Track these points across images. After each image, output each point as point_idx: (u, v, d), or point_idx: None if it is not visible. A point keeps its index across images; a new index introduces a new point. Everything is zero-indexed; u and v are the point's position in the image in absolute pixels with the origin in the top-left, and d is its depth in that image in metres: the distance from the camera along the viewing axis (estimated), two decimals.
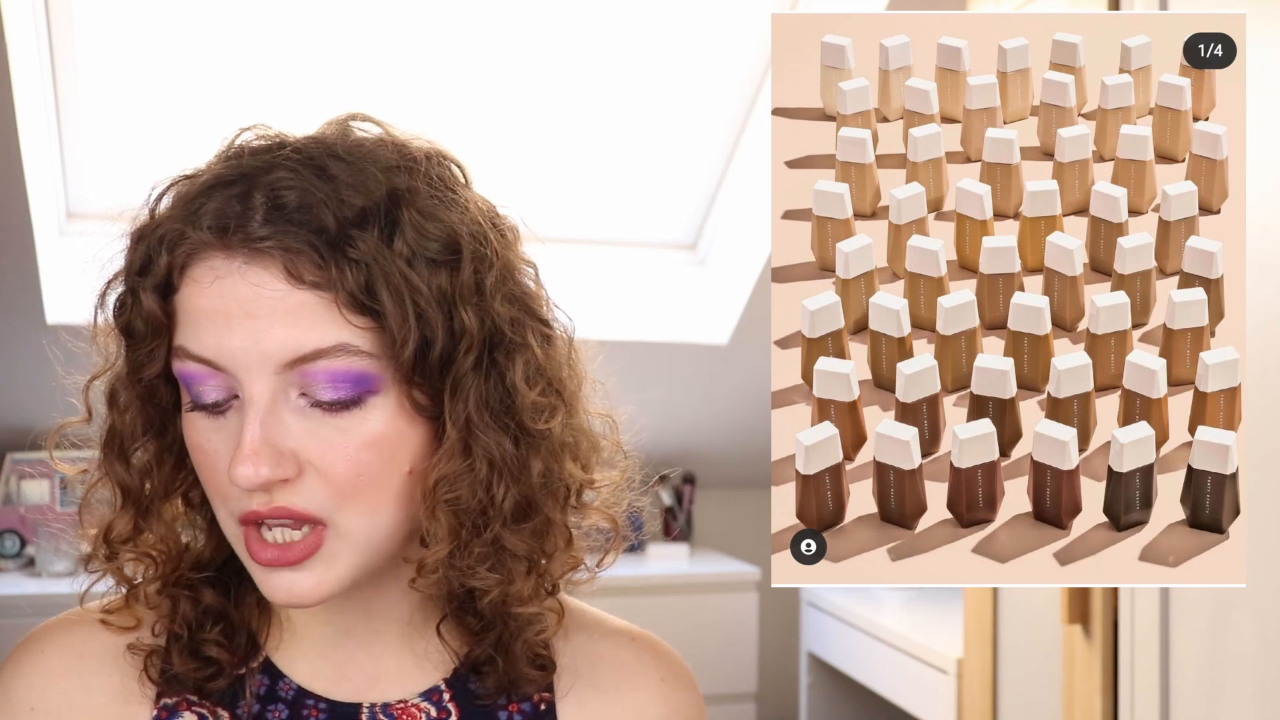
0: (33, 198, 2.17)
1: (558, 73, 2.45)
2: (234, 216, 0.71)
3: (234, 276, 0.71)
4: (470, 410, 0.73)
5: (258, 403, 0.70)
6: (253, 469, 0.69)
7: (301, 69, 2.33)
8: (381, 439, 0.72)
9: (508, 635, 0.81)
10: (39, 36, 2.15)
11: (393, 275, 0.71)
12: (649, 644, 0.88)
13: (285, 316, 0.70)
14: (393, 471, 0.73)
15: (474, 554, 0.75)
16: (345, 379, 0.71)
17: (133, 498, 0.78)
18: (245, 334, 0.70)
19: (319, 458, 0.71)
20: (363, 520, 0.73)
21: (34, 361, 2.50)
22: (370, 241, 0.71)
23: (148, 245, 0.73)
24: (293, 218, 0.70)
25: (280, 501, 0.71)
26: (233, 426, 0.72)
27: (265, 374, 0.70)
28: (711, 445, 3.12)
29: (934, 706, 2.22)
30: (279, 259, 0.70)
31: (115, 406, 0.77)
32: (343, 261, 0.70)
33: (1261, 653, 1.37)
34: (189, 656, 0.79)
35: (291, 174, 0.72)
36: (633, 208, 2.79)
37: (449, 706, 0.81)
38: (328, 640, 0.81)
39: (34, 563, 2.55)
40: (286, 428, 0.71)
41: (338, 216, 0.71)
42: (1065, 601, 1.65)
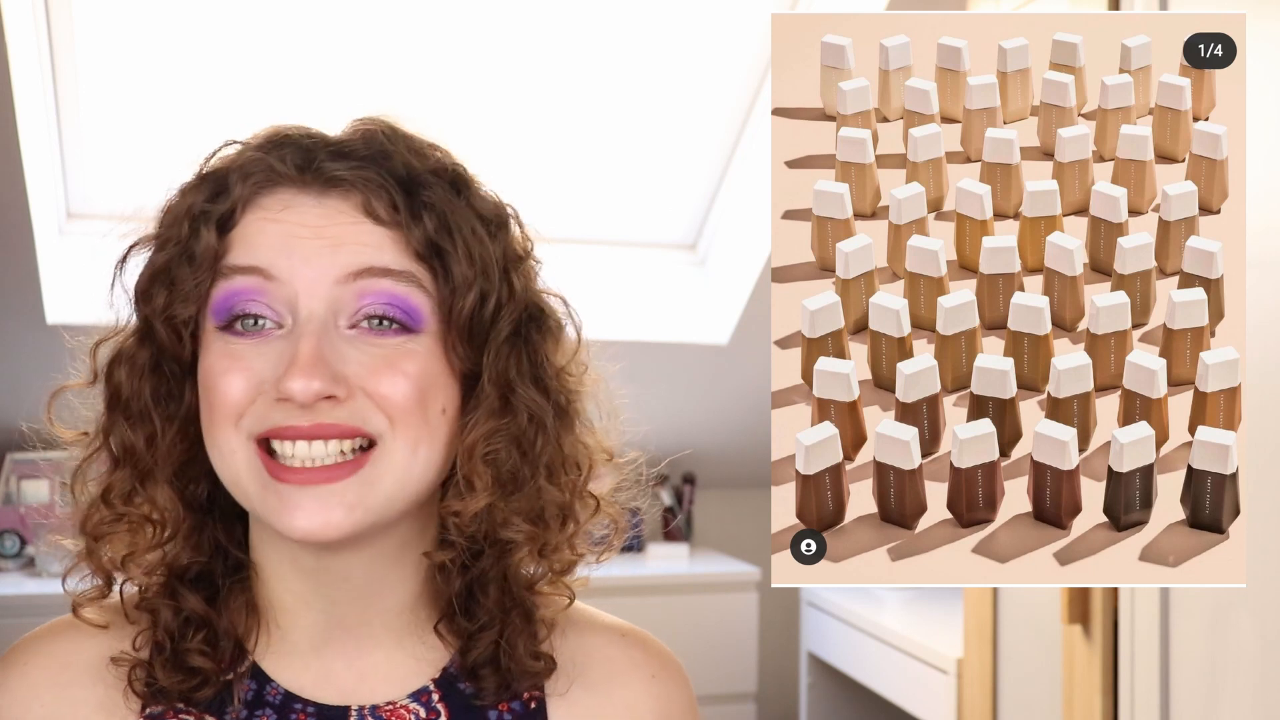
0: (33, 198, 2.17)
1: (558, 73, 2.45)
2: (312, 154, 0.75)
3: (306, 206, 0.74)
4: (509, 369, 0.77)
5: (315, 318, 0.72)
6: (308, 381, 0.70)
7: (302, 69, 2.33)
8: (422, 375, 0.74)
9: (510, 633, 0.81)
10: (39, 36, 2.15)
11: (463, 227, 0.76)
12: (639, 640, 0.88)
13: (357, 239, 0.74)
14: (432, 407, 0.75)
15: (512, 506, 0.77)
16: (404, 305, 0.74)
17: (135, 459, 0.77)
18: (310, 248, 0.73)
19: (370, 379, 0.73)
20: (406, 446, 0.74)
21: (34, 361, 2.50)
22: (442, 191, 0.76)
23: (214, 182, 0.76)
24: (370, 160, 0.75)
25: (324, 419, 0.72)
26: (271, 350, 0.73)
27: (324, 286, 0.73)
28: (711, 445, 3.12)
29: (934, 706, 2.22)
30: (357, 193, 0.74)
31: (125, 368, 0.77)
32: (417, 205, 0.75)
33: (1261, 653, 1.37)
34: (173, 669, 0.77)
35: (361, 135, 0.77)
36: (633, 208, 2.79)
37: (438, 707, 0.80)
38: (317, 638, 0.80)
39: (34, 563, 2.55)
40: (338, 351, 0.73)
41: (409, 166, 0.76)
42: (1065, 601, 1.65)
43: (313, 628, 0.80)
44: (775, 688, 3.28)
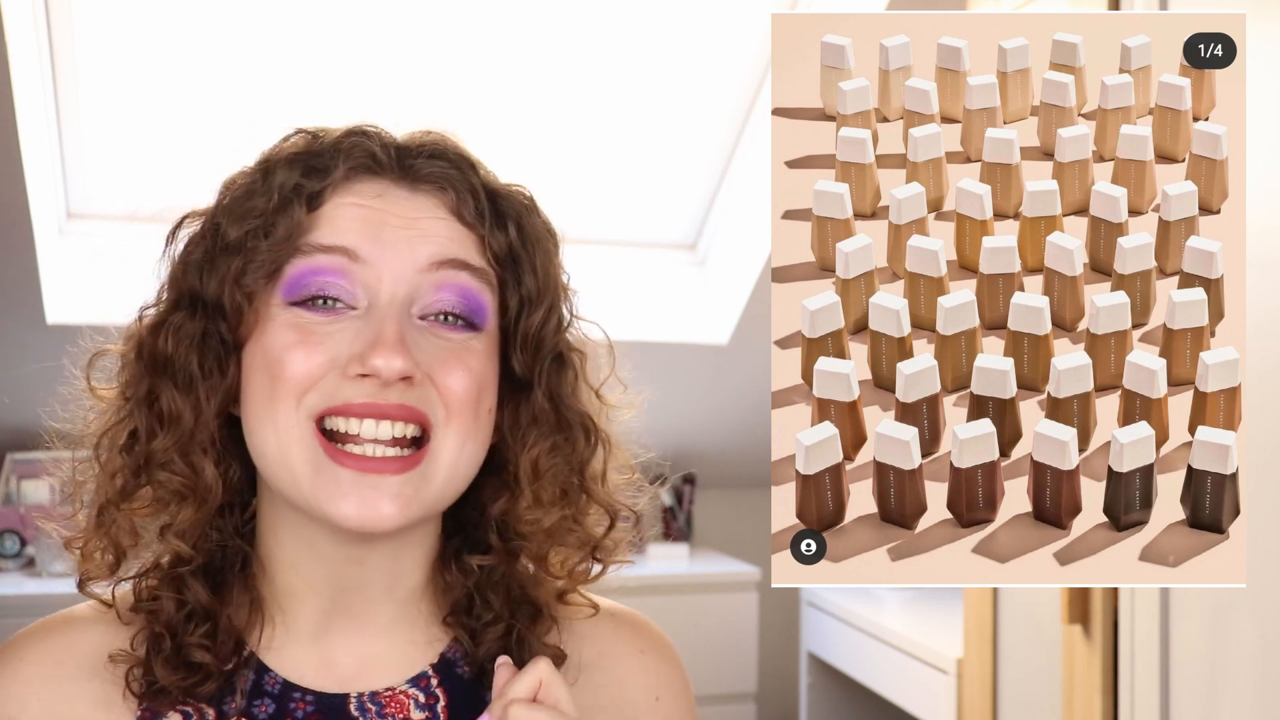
0: (33, 198, 2.16)
1: (557, 73, 2.45)
2: (405, 150, 0.79)
3: (399, 197, 0.78)
4: (562, 384, 0.82)
5: (397, 302, 0.75)
6: (392, 358, 0.72)
7: (302, 69, 2.33)
8: (481, 372, 0.77)
9: (521, 628, 0.82)
10: (39, 36, 2.15)
11: (538, 243, 0.81)
12: (627, 619, 0.89)
13: (443, 233, 0.78)
14: (483, 403, 0.78)
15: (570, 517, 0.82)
16: (475, 301, 0.78)
17: (178, 427, 0.77)
18: (399, 236, 0.76)
19: (438, 369, 0.75)
20: (457, 442, 0.76)
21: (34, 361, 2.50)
22: (520, 206, 0.81)
23: (307, 161, 0.78)
24: (456, 164, 0.79)
25: (396, 399, 0.73)
26: (346, 329, 0.75)
27: (407, 274, 0.75)
28: (711, 445, 3.12)
29: (934, 706, 2.22)
30: (447, 194, 0.78)
31: (172, 337, 0.77)
32: (499, 215, 0.79)
33: (1261, 653, 1.37)
34: (172, 666, 0.77)
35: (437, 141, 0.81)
36: (633, 208, 2.79)
37: (437, 692, 0.81)
38: (319, 626, 0.80)
39: (34, 563, 2.55)
40: (412, 336, 0.75)
41: (492, 178, 0.81)
42: (1065, 601, 1.65)
43: (316, 615, 0.80)
44: (775, 688, 3.28)
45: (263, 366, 0.75)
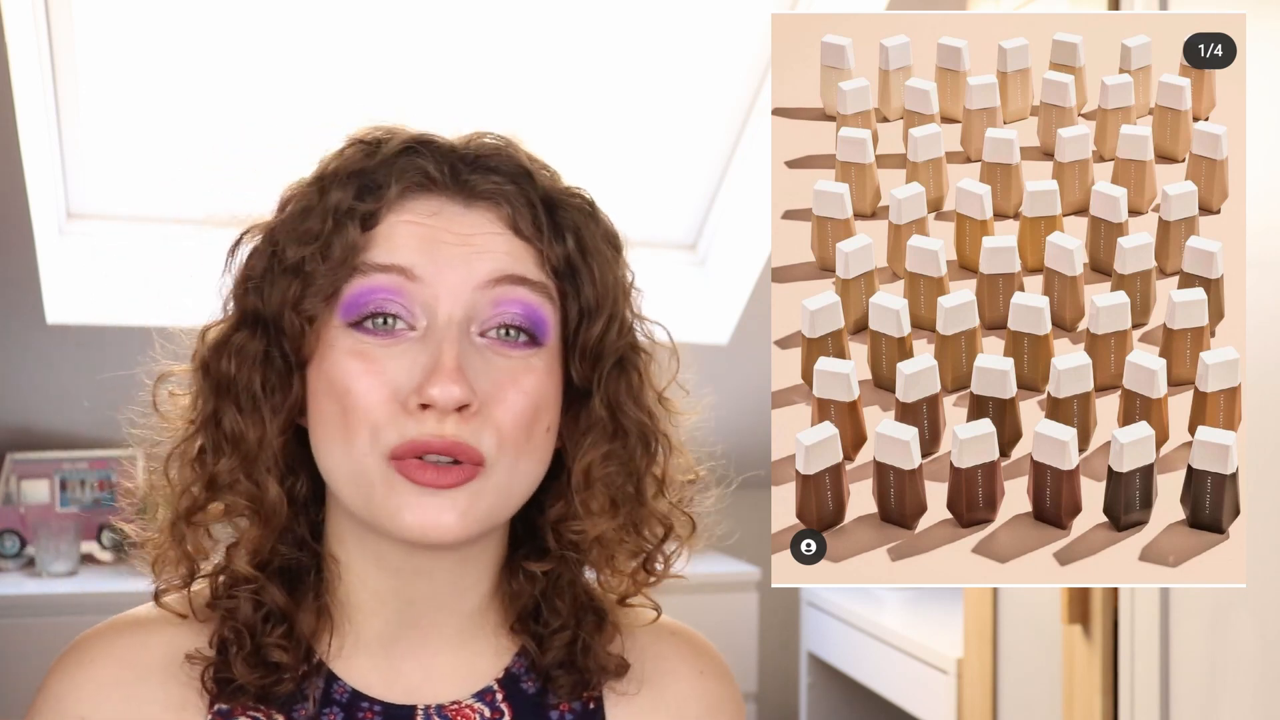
0: (33, 198, 2.16)
1: (557, 73, 2.45)
2: (458, 165, 0.78)
3: (454, 214, 0.77)
4: (620, 391, 0.80)
5: (455, 323, 0.74)
6: (449, 387, 0.72)
7: (302, 69, 2.33)
8: (539, 392, 0.76)
9: (585, 635, 0.82)
10: (39, 36, 2.15)
11: (596, 250, 0.79)
12: (687, 637, 0.89)
13: (500, 248, 0.76)
14: (540, 423, 0.77)
15: (619, 524, 0.81)
16: (536, 316, 0.77)
17: (243, 448, 0.77)
18: (455, 254, 0.75)
19: (494, 393, 0.74)
20: (509, 464, 0.75)
21: (34, 361, 2.50)
22: (578, 214, 0.79)
23: (360, 180, 0.77)
24: (512, 177, 0.78)
25: (453, 435, 0.73)
26: (405, 354, 0.74)
27: (465, 291, 0.74)
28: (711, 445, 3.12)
29: (934, 706, 2.22)
30: (503, 208, 0.77)
31: (234, 358, 0.77)
32: (559, 225, 0.78)
33: (1261, 653, 1.37)
34: (250, 665, 0.77)
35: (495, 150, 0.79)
36: (633, 208, 2.79)
37: (502, 707, 0.81)
38: (387, 638, 0.80)
39: (34, 563, 2.55)
40: (470, 360, 0.74)
41: (550, 186, 0.79)
42: (1065, 601, 1.65)
43: (384, 627, 0.80)
44: (775, 688, 3.28)
45: (329, 392, 0.75)
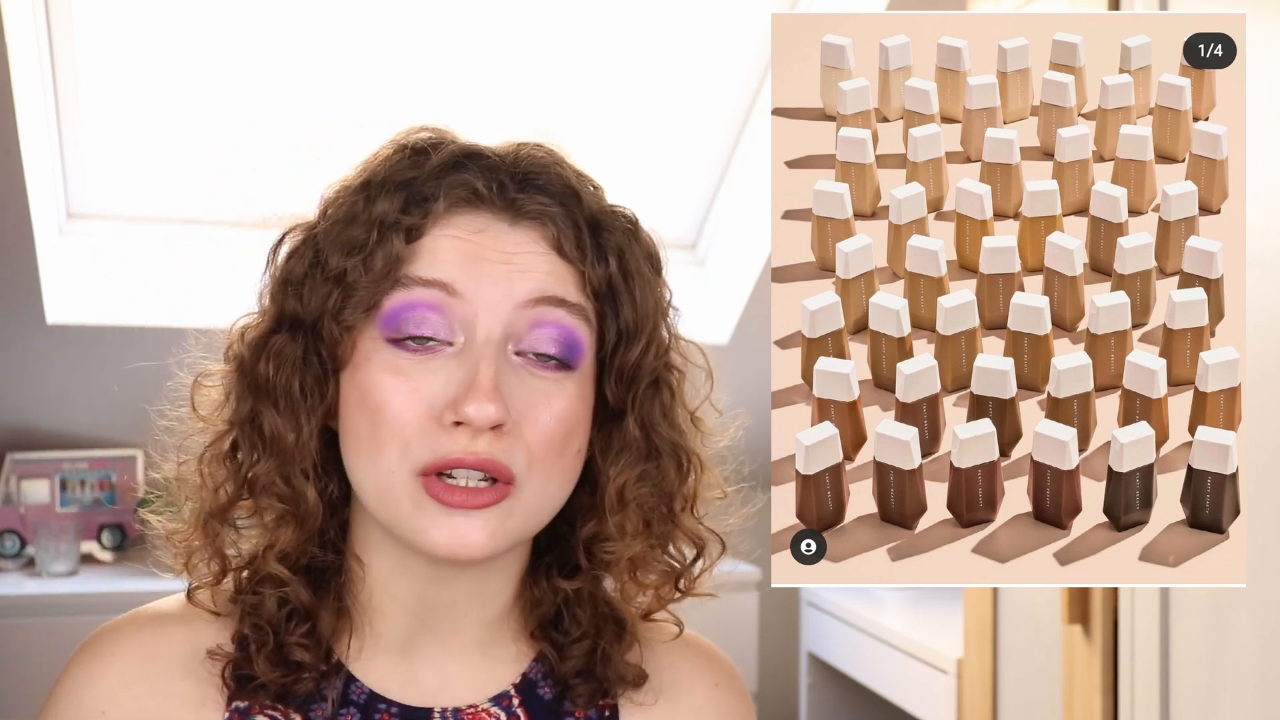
0: (33, 198, 2.16)
1: (557, 73, 2.45)
2: (508, 180, 0.78)
3: (500, 231, 0.76)
4: (654, 411, 0.80)
5: (493, 341, 0.74)
6: (485, 405, 0.72)
7: (302, 69, 2.33)
8: (569, 412, 0.76)
9: (605, 644, 0.82)
10: (39, 36, 2.15)
11: (638, 273, 0.79)
12: (702, 648, 0.90)
13: (542, 269, 0.76)
14: (571, 446, 0.77)
15: (651, 543, 0.81)
16: (571, 339, 0.76)
17: (280, 450, 0.77)
18: (498, 272, 0.75)
19: (526, 413, 0.74)
20: (539, 486, 0.75)
21: (34, 361, 2.50)
22: (622, 236, 0.78)
23: (407, 192, 0.76)
24: (559, 197, 0.78)
25: (486, 453, 0.73)
26: (442, 369, 0.74)
27: (504, 310, 0.74)
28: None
29: (934, 706, 2.22)
30: (549, 228, 0.77)
31: (273, 360, 0.77)
32: (602, 247, 0.78)
33: (1261, 653, 1.37)
34: (273, 663, 0.77)
35: (544, 167, 0.79)
36: (632, 207, 2.78)
37: (518, 712, 0.81)
38: (406, 641, 0.80)
39: (34, 563, 2.55)
40: (505, 379, 0.74)
41: (595, 206, 0.79)
42: (1065, 601, 1.65)
43: (404, 630, 0.80)
44: (775, 688, 3.28)
45: (361, 405, 0.75)
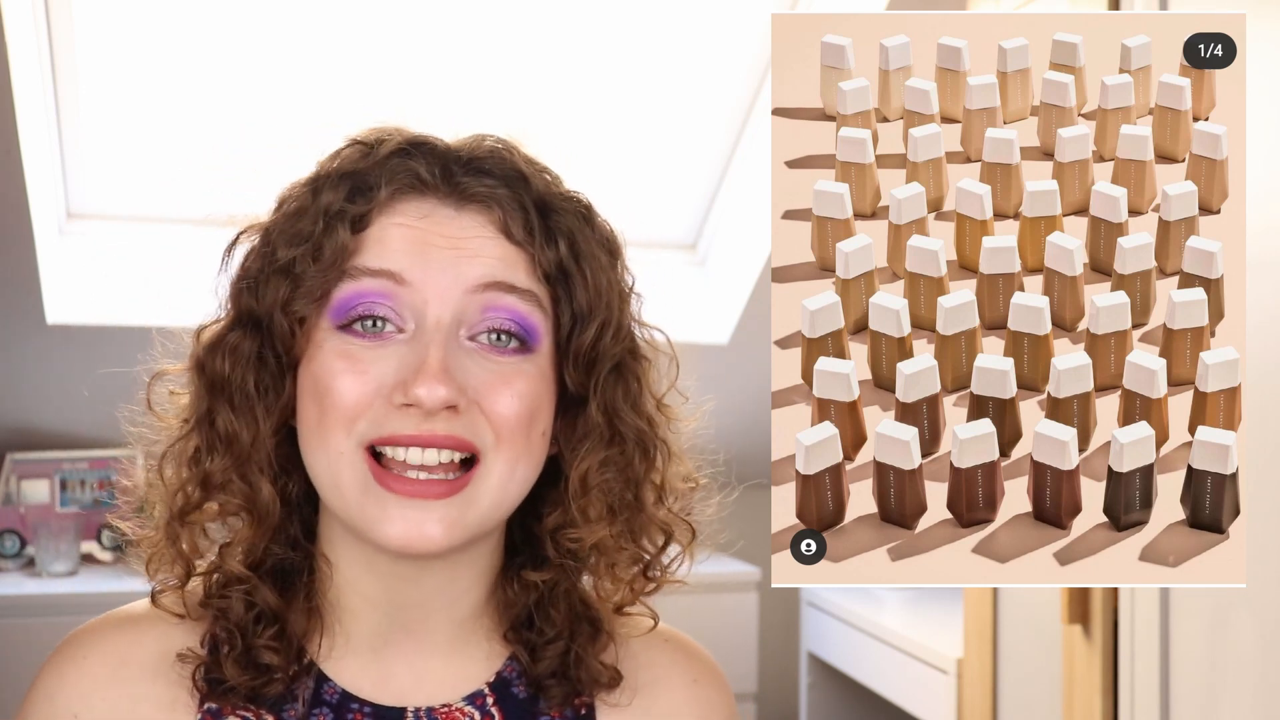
0: (33, 198, 2.16)
1: (557, 73, 2.45)
2: (451, 167, 0.77)
3: (445, 217, 0.76)
4: (616, 397, 0.79)
5: (443, 326, 0.74)
6: (435, 387, 0.71)
7: (303, 68, 2.33)
8: (532, 395, 0.76)
9: (580, 644, 0.82)
10: (39, 36, 2.15)
11: (590, 255, 0.78)
12: (680, 644, 0.90)
13: (490, 253, 0.76)
14: (536, 426, 0.76)
15: (617, 530, 0.80)
16: (525, 323, 0.76)
17: (236, 447, 0.77)
18: (445, 258, 0.74)
19: (486, 395, 0.74)
20: (506, 466, 0.75)
21: (34, 361, 2.50)
22: (573, 218, 0.78)
23: (352, 182, 0.76)
24: (505, 180, 0.77)
25: (444, 430, 0.72)
26: (392, 354, 0.74)
27: (453, 296, 0.74)
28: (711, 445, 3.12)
29: (934, 706, 2.22)
30: (494, 211, 0.76)
31: (228, 358, 0.77)
32: (551, 230, 0.77)
33: (1261, 653, 1.37)
34: (241, 666, 0.77)
35: (490, 152, 0.78)
36: (633, 208, 2.78)
37: (492, 711, 0.81)
38: (378, 640, 0.80)
39: (34, 563, 2.55)
40: (459, 362, 0.74)
41: (544, 190, 0.78)
42: (1065, 601, 1.65)
43: (375, 629, 0.80)
44: (775, 688, 3.28)
45: (313, 393, 0.75)
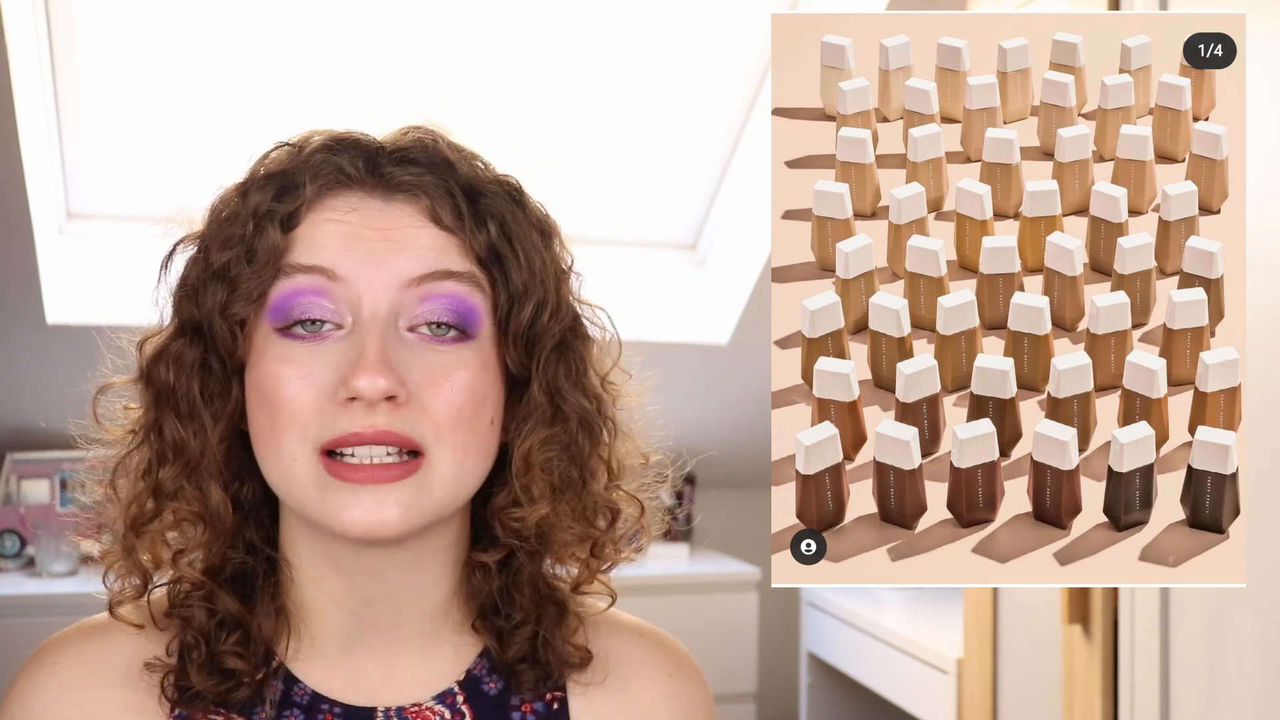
0: (33, 198, 2.17)
1: (557, 73, 2.45)
2: (377, 158, 0.77)
3: (373, 209, 0.76)
4: (559, 376, 0.79)
5: (379, 319, 0.74)
6: (375, 379, 0.71)
7: (303, 69, 2.33)
8: (474, 384, 0.76)
9: (547, 626, 0.82)
10: (39, 36, 2.15)
11: (522, 236, 0.78)
12: (656, 639, 0.89)
13: (422, 242, 0.76)
14: (481, 417, 0.76)
15: (563, 509, 0.80)
16: (464, 308, 0.76)
17: (184, 455, 0.77)
18: (377, 251, 0.75)
19: (426, 386, 0.74)
20: (454, 459, 0.75)
21: (34, 361, 2.50)
22: (502, 201, 0.78)
23: (279, 181, 0.76)
24: (430, 167, 0.77)
25: (385, 425, 0.72)
26: (331, 351, 0.74)
27: (389, 289, 0.74)
28: (711, 445, 3.12)
29: (934, 706, 2.22)
30: (422, 200, 0.76)
31: (173, 366, 0.77)
32: (480, 212, 0.77)
33: (1261, 653, 1.37)
34: (207, 672, 0.77)
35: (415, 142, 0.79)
36: (633, 208, 2.79)
37: (463, 709, 0.81)
38: (346, 640, 0.80)
39: (34, 563, 2.55)
40: (399, 354, 0.74)
41: (471, 175, 0.78)
42: (1065, 601, 1.65)
43: (343, 629, 0.80)
44: (775, 688, 3.28)
45: (260, 400, 0.75)
